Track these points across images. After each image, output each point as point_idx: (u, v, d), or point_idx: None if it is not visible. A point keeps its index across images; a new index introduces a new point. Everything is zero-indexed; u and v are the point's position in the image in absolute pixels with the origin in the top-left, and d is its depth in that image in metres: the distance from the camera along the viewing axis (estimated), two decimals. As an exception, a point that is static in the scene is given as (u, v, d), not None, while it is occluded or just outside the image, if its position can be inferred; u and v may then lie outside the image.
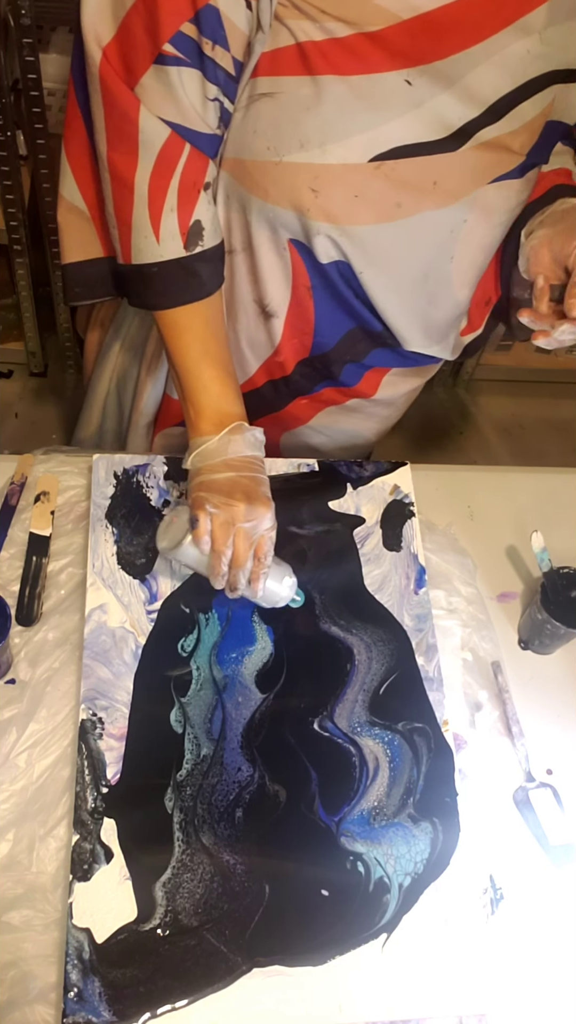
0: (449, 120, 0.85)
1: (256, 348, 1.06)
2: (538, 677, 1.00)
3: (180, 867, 0.80)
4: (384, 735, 0.89)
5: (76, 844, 0.79)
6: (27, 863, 0.79)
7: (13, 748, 0.84)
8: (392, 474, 1.07)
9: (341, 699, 0.91)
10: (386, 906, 0.81)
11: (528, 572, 1.08)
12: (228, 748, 0.86)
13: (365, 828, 0.84)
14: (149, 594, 0.93)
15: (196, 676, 0.89)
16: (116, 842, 0.80)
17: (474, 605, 1.02)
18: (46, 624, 0.92)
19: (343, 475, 1.06)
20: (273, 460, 1.04)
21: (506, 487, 1.15)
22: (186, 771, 0.84)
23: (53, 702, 0.87)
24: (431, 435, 2.27)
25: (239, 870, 0.80)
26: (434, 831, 0.85)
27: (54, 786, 0.83)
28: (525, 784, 0.92)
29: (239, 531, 0.84)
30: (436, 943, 0.80)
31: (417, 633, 0.96)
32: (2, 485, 1.02)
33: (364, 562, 1.00)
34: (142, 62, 0.80)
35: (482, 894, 0.85)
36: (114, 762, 0.83)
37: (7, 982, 0.75)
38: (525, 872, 0.87)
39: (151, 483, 1.00)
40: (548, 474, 1.19)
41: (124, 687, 0.87)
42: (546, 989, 0.82)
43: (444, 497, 1.12)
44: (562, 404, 2.38)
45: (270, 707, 0.89)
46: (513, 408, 2.37)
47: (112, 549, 0.95)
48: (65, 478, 1.02)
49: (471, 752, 0.92)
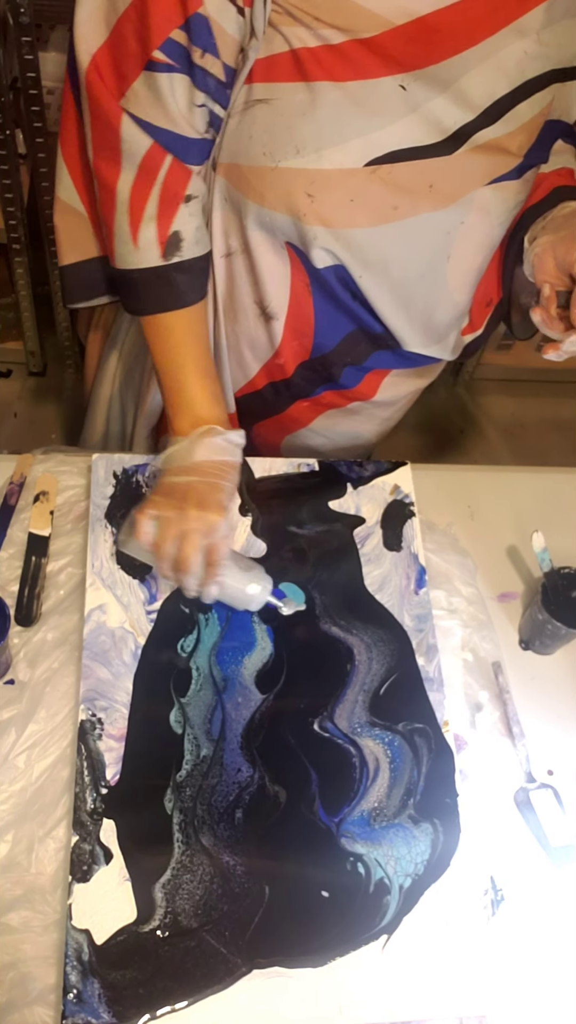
0: (445, 124, 0.85)
1: (257, 350, 1.06)
2: (539, 677, 1.00)
3: (180, 868, 0.79)
4: (384, 736, 0.89)
5: (75, 845, 0.79)
6: (26, 864, 0.79)
7: (12, 749, 0.84)
8: (392, 474, 1.06)
9: (341, 699, 0.90)
10: (386, 907, 0.81)
11: (529, 572, 1.08)
12: (228, 749, 0.86)
13: (365, 829, 0.84)
14: (148, 594, 0.93)
15: (196, 676, 0.89)
16: (115, 843, 0.79)
17: (475, 605, 1.01)
18: (45, 624, 0.92)
19: (343, 475, 1.05)
20: (273, 460, 1.04)
21: (507, 487, 1.15)
22: (186, 772, 0.84)
23: (52, 703, 0.87)
24: (431, 435, 2.27)
25: (239, 871, 0.80)
26: (435, 832, 0.85)
27: (53, 787, 0.83)
28: (526, 785, 0.91)
29: (186, 535, 0.83)
30: (436, 944, 0.80)
31: (417, 633, 0.96)
32: (1, 485, 1.02)
33: (364, 562, 1.00)
34: (133, 68, 0.80)
35: (483, 895, 0.85)
36: (113, 763, 0.83)
37: (6, 984, 0.74)
38: (526, 873, 0.87)
39: (151, 483, 1.00)
40: (549, 474, 1.19)
41: (123, 687, 0.87)
42: (547, 990, 0.82)
43: (444, 497, 1.11)
44: (563, 404, 2.38)
45: (270, 708, 0.88)
46: (514, 408, 2.37)
47: (111, 549, 0.95)
48: (64, 478, 1.02)
49: (472, 753, 0.92)
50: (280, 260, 0.96)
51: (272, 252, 0.95)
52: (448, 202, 0.90)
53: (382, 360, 1.07)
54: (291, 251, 0.95)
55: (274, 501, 1.01)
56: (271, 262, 0.96)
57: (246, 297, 1.01)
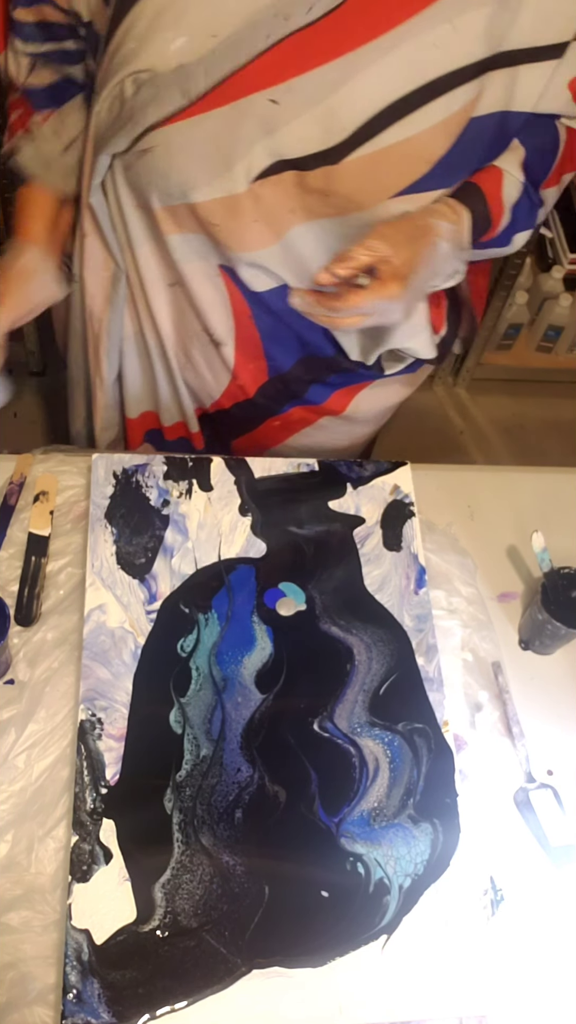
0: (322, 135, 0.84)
1: (215, 374, 1.08)
2: (539, 677, 1.00)
3: (179, 868, 0.79)
4: (384, 736, 0.89)
5: (75, 845, 0.79)
6: (26, 864, 0.79)
7: (12, 749, 0.84)
8: (392, 474, 1.06)
9: (341, 699, 0.90)
10: (386, 907, 0.81)
11: (528, 572, 1.08)
12: (228, 749, 0.86)
13: (365, 829, 0.84)
14: (148, 594, 0.93)
15: (195, 676, 0.89)
16: (115, 843, 0.79)
17: (474, 605, 1.01)
18: (45, 624, 0.92)
19: (343, 475, 1.05)
20: (273, 460, 1.04)
21: (506, 487, 1.15)
22: (185, 772, 0.84)
23: (52, 702, 0.87)
24: (431, 435, 2.27)
25: (239, 871, 0.80)
26: (434, 832, 0.85)
27: (53, 787, 0.83)
28: (526, 785, 0.91)
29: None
30: (436, 944, 0.80)
31: (417, 633, 0.96)
32: (1, 485, 1.02)
33: (364, 562, 1.00)
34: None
35: (482, 895, 0.85)
36: (113, 763, 0.83)
37: (6, 984, 0.74)
38: (526, 873, 0.87)
39: (150, 483, 1.00)
40: (549, 474, 1.19)
41: (123, 687, 0.87)
42: (546, 990, 0.82)
43: (444, 497, 1.11)
44: (562, 404, 2.38)
45: (270, 707, 0.88)
46: (513, 408, 2.37)
47: (111, 549, 0.95)
48: (64, 478, 1.02)
49: (471, 753, 0.92)
50: (215, 287, 0.98)
51: (207, 280, 0.97)
52: (353, 208, 0.89)
53: (348, 377, 1.07)
54: (226, 276, 0.96)
55: (274, 501, 1.01)
56: (208, 291, 0.98)
57: (194, 324, 1.03)
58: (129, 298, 1.05)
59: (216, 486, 1.01)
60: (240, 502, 1.01)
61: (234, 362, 1.06)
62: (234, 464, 1.03)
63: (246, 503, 1.01)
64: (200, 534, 0.98)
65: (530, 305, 2.22)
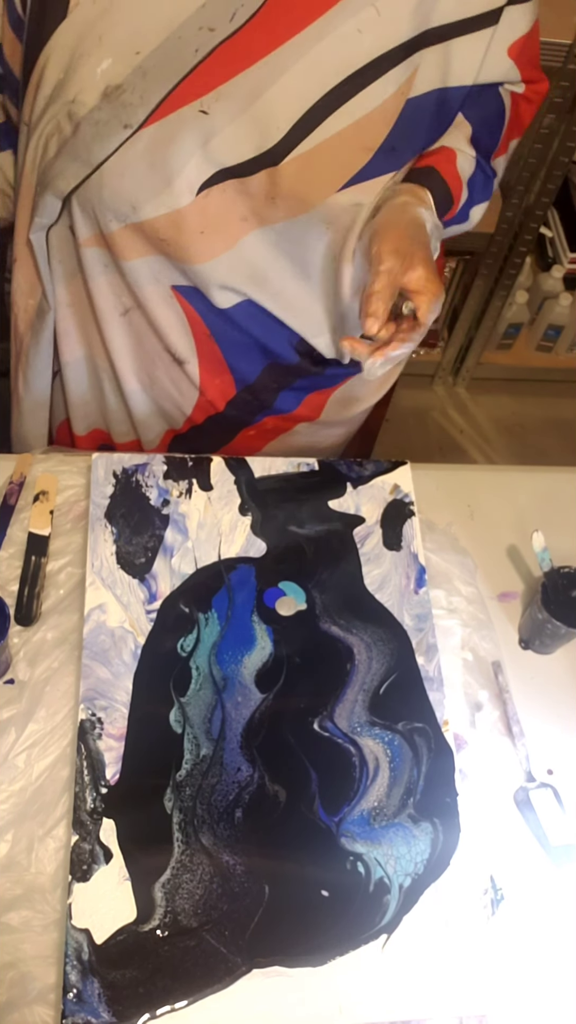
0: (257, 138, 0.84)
1: (183, 391, 1.08)
2: (539, 677, 1.00)
3: (179, 868, 0.79)
4: (384, 735, 0.89)
5: (75, 845, 0.79)
6: (26, 864, 0.79)
7: (12, 748, 0.84)
8: (392, 473, 1.06)
9: (341, 699, 0.90)
10: (386, 907, 0.81)
11: (529, 572, 1.08)
12: (228, 748, 0.86)
13: (365, 828, 0.84)
14: (148, 594, 0.93)
15: (195, 676, 0.89)
16: (115, 842, 0.79)
17: (474, 605, 1.01)
18: (45, 624, 0.92)
19: (343, 474, 1.05)
20: (273, 460, 1.04)
21: (506, 487, 1.15)
22: (185, 771, 0.84)
23: (52, 702, 0.87)
24: (431, 435, 2.27)
25: (239, 871, 0.80)
26: (434, 831, 0.85)
27: (53, 786, 0.83)
28: (526, 784, 0.91)
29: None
30: (436, 944, 0.80)
31: (417, 633, 0.96)
32: (1, 484, 1.02)
33: (364, 562, 1.00)
34: None
35: (482, 895, 0.85)
36: (113, 762, 0.83)
37: (6, 983, 0.74)
38: (526, 873, 0.87)
39: (150, 482, 1.00)
40: (549, 473, 1.19)
41: (123, 687, 0.87)
42: (547, 990, 0.82)
43: (444, 497, 1.11)
44: (563, 403, 2.38)
45: (270, 707, 0.88)
46: (513, 407, 2.37)
47: (111, 548, 0.95)
48: (64, 477, 1.02)
49: (471, 752, 0.92)
50: (171, 308, 0.98)
51: (163, 302, 0.98)
52: (303, 208, 0.89)
53: (316, 381, 1.07)
54: (179, 297, 0.97)
55: (274, 500, 1.01)
56: (164, 312, 0.99)
57: (155, 345, 1.03)
58: (79, 327, 1.05)
59: (216, 485, 1.01)
60: (240, 501, 1.01)
61: (199, 379, 1.06)
62: (234, 464, 1.03)
63: (246, 502, 1.01)
64: (200, 534, 0.98)
65: (530, 304, 2.22)
